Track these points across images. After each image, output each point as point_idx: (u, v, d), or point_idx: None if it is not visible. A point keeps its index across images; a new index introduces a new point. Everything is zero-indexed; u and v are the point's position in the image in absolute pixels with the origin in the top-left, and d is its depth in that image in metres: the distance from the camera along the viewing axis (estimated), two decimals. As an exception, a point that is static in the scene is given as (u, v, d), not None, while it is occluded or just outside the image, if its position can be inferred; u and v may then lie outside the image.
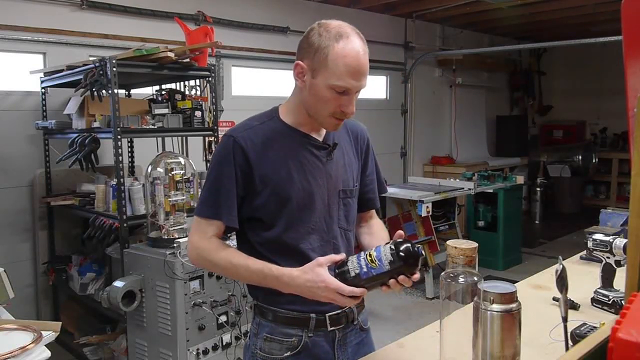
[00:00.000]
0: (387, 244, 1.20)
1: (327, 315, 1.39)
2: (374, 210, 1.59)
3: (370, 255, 1.19)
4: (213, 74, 3.22)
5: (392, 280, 1.18)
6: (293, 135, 1.37)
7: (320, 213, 1.37)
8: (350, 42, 1.25)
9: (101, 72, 2.70)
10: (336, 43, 1.25)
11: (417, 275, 1.19)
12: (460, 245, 1.22)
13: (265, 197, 1.33)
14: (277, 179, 1.32)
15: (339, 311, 1.40)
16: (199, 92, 3.51)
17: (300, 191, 1.34)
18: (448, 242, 1.26)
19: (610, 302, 1.62)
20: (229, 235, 1.46)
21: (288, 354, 1.37)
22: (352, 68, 1.25)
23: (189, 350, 2.48)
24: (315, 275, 1.20)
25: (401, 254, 1.16)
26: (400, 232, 1.26)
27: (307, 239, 1.36)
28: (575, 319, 1.38)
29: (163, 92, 3.21)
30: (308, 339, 1.38)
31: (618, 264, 1.67)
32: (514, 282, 1.34)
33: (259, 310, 1.43)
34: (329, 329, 1.40)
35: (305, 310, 1.37)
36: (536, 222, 7.44)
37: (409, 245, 1.17)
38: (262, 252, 1.36)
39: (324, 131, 1.41)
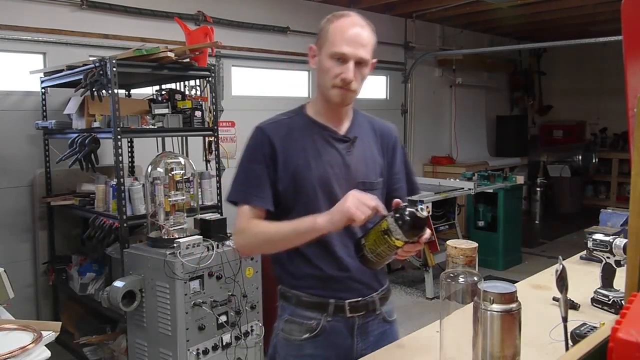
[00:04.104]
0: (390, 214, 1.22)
1: (346, 301, 1.45)
2: None
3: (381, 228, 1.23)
4: (213, 74, 3.22)
5: (399, 251, 1.22)
6: (315, 128, 1.47)
7: (338, 201, 1.39)
8: (349, 18, 1.41)
9: (101, 72, 2.70)
10: (337, 20, 1.41)
11: (426, 235, 1.23)
12: (460, 245, 1.22)
13: (286, 182, 1.42)
14: (296, 165, 1.42)
15: (358, 299, 1.47)
16: (199, 92, 3.51)
17: (317, 178, 1.42)
18: (448, 242, 1.27)
19: (610, 302, 1.62)
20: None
21: (307, 335, 1.45)
22: (348, 36, 1.37)
23: (189, 350, 2.48)
24: (343, 199, 1.28)
25: (411, 222, 1.17)
26: (397, 200, 1.27)
27: None
28: (575, 319, 1.38)
29: (163, 92, 3.21)
30: (327, 323, 1.45)
31: (618, 264, 1.67)
32: (514, 282, 1.34)
33: (283, 294, 1.52)
34: (348, 315, 1.46)
35: (325, 295, 1.45)
36: (536, 222, 7.43)
37: (412, 211, 1.18)
38: None
39: (345, 125, 1.50)
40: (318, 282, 1.44)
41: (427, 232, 1.23)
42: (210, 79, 3.24)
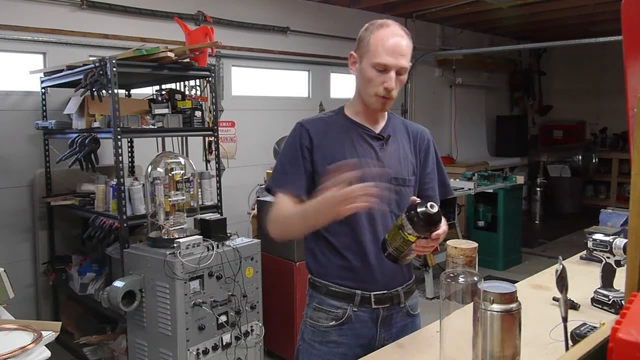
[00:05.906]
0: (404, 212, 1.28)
1: (372, 293, 1.53)
2: None
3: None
4: (213, 74, 3.22)
5: (413, 246, 1.29)
6: (351, 126, 1.58)
7: None
8: (389, 28, 1.48)
9: (101, 72, 2.70)
10: (377, 30, 1.48)
11: (439, 232, 1.29)
12: (460, 245, 1.23)
13: (322, 174, 1.47)
14: (332, 159, 1.50)
15: (384, 291, 1.55)
16: (199, 92, 3.51)
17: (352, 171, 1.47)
18: (448, 242, 1.27)
19: (610, 302, 1.62)
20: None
21: (333, 323, 1.54)
22: (389, 47, 1.44)
23: (189, 350, 2.48)
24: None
25: (420, 217, 1.23)
26: (413, 197, 1.35)
27: (357, 214, 1.44)
28: (575, 319, 1.38)
29: (163, 92, 3.21)
30: (352, 313, 1.54)
31: (618, 264, 1.67)
32: (514, 282, 1.34)
33: (312, 283, 1.61)
34: (373, 306, 1.54)
35: (352, 286, 1.53)
36: (536, 222, 7.43)
37: (422, 209, 1.24)
38: None
39: (381, 125, 1.60)
40: (346, 273, 1.53)
41: (441, 229, 1.28)
42: (210, 79, 3.24)
